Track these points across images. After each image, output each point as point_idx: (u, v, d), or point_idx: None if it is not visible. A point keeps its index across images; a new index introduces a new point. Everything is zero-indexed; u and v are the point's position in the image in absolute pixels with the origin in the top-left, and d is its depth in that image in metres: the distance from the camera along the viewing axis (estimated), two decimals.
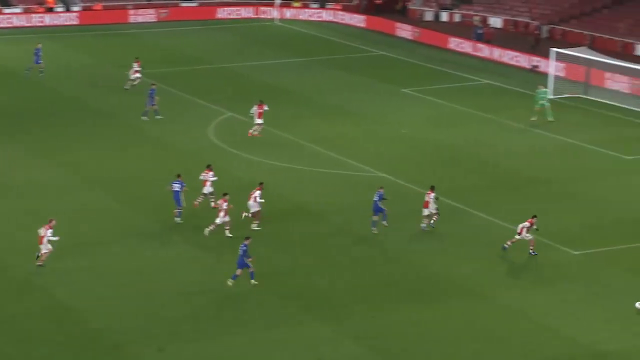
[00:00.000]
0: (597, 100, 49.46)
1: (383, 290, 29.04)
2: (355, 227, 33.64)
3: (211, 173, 34.13)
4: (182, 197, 33.04)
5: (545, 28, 64.54)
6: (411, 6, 72.51)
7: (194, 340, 25.99)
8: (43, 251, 29.53)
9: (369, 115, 47.66)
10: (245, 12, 72.48)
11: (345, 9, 72.52)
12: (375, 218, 32.80)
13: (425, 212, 32.82)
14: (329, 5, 73.31)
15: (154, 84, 46.51)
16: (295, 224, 33.47)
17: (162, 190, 34.48)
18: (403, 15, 71.69)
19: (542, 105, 45.90)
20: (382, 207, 32.72)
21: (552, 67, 51.35)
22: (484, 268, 30.61)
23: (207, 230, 32.02)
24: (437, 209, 32.76)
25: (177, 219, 33.17)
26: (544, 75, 51.78)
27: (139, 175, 38.27)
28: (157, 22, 69.51)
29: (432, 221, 32.97)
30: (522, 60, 57.74)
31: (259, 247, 30.98)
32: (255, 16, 72.30)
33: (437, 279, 29.86)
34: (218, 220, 31.77)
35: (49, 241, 29.48)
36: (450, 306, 28.07)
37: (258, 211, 32.72)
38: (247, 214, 32.79)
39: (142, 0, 71.93)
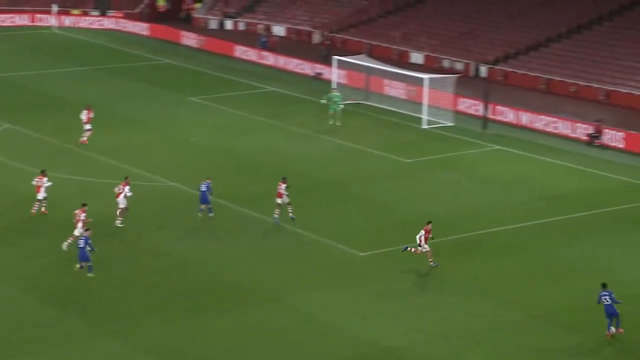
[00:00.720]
0: (377, 106, 51.56)
1: (175, 301, 28.86)
2: (145, 237, 33.23)
3: (45, 179, 33.76)
4: None
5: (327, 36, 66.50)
6: (195, 14, 72.47)
7: None
8: None
9: (157, 125, 47.18)
10: (20, 20, 69.68)
11: (128, 17, 71.36)
12: (202, 206, 34.48)
13: (279, 201, 34.21)
14: (110, 13, 71.86)
15: None
16: None
17: None
18: (187, 23, 71.54)
19: (335, 109, 47.40)
20: (209, 198, 34.36)
21: (334, 74, 53.04)
22: (275, 273, 31.13)
23: (65, 245, 31.27)
24: (289, 200, 34.24)
25: None
26: (328, 82, 53.37)
27: None
28: None
29: (290, 213, 34.38)
30: (306, 67, 59.18)
31: (41, 261, 29.99)
32: (32, 24, 69.65)
33: (230, 286, 30.03)
34: (76, 232, 31.12)
35: None
36: (243, 313, 28.32)
37: (125, 208, 33.27)
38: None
39: None
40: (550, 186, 39.93)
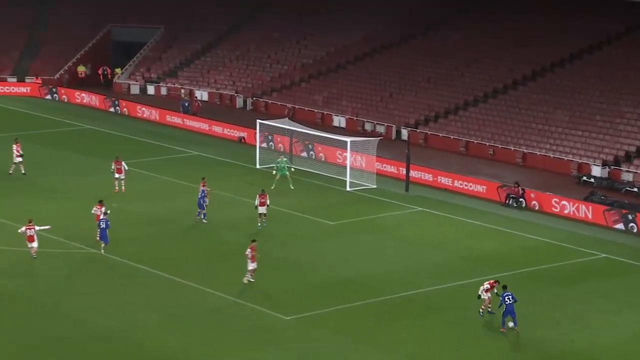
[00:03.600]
0: (301, 169, 51.95)
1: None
2: (64, 304, 32.52)
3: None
4: None
5: (249, 101, 67.09)
6: (117, 80, 72.34)
7: None
8: None
9: (80, 191, 46.61)
10: None
11: (48, 82, 70.75)
12: (200, 210, 41.52)
13: (261, 210, 41.29)
14: (29, 79, 71.24)
15: None
16: None
17: None
18: (108, 88, 71.36)
19: (284, 174, 47.70)
20: (204, 204, 41.27)
21: (258, 138, 53.40)
22: (201, 339, 30.75)
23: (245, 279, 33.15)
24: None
25: None
26: (252, 146, 53.65)
27: None
28: None
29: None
30: (230, 131, 59.48)
31: None
32: None
33: (155, 356, 29.50)
34: (250, 267, 34.70)
35: None
36: None
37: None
38: None
39: None
40: (471, 247, 40.63)
